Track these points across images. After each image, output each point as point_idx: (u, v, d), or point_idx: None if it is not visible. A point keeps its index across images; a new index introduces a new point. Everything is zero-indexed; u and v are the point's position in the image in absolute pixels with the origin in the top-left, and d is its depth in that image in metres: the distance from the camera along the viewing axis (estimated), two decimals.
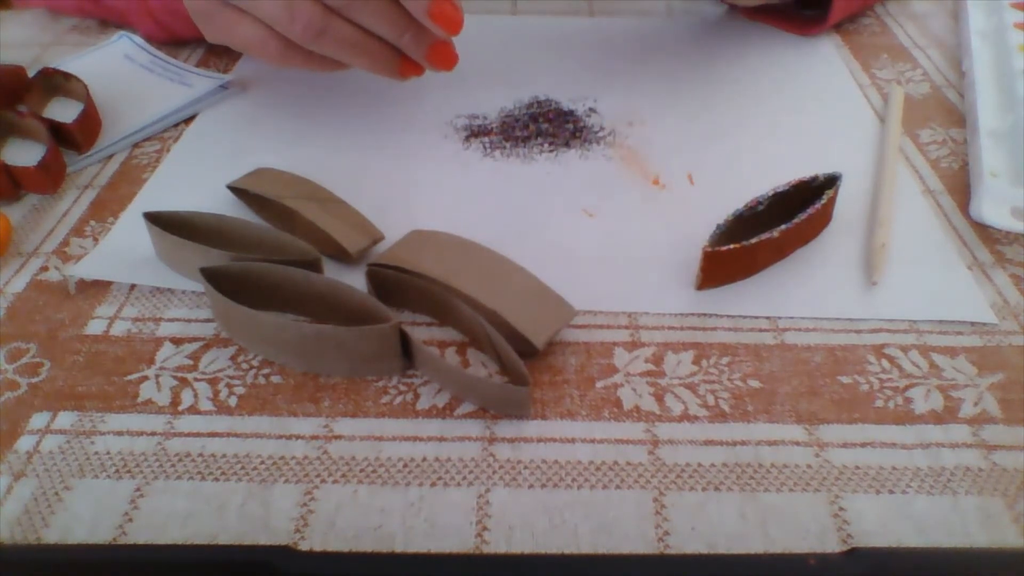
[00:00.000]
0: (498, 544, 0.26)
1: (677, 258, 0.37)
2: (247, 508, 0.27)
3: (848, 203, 0.39)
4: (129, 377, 0.32)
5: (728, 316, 0.34)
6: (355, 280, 0.35)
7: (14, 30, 0.58)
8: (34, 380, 0.32)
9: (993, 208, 0.38)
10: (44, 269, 0.37)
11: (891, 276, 0.35)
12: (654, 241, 0.38)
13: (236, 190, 0.39)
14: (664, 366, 0.32)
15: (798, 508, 0.27)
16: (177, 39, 0.54)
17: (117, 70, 0.51)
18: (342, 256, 0.36)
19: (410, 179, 0.42)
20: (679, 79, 0.51)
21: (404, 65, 0.40)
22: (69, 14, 0.59)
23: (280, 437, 0.29)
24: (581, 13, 0.59)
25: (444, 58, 0.39)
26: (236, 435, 0.29)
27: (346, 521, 0.26)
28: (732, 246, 0.33)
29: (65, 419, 0.30)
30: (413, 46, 0.38)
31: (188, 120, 0.47)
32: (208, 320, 0.34)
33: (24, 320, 0.34)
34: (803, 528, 0.26)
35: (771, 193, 0.35)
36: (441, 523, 0.26)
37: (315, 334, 0.30)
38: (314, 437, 0.29)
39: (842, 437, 0.29)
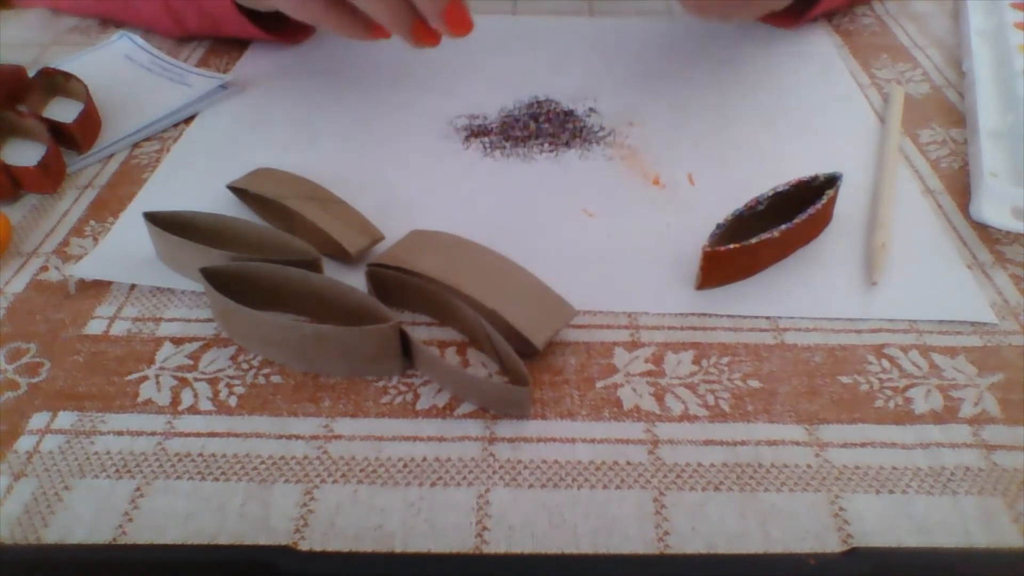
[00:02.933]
0: (498, 544, 0.26)
1: (677, 258, 0.37)
2: (247, 508, 0.27)
3: (848, 203, 0.39)
4: (129, 377, 0.32)
5: (728, 316, 0.34)
6: (355, 280, 0.35)
7: (14, 30, 0.58)
8: (34, 380, 0.32)
9: (993, 208, 0.38)
10: (44, 269, 0.37)
11: (891, 276, 0.35)
12: (654, 241, 0.38)
13: (236, 190, 0.39)
14: (664, 366, 0.32)
15: (798, 508, 0.27)
16: (187, 32, 0.54)
17: (117, 70, 0.51)
18: (342, 256, 0.36)
19: (410, 179, 0.42)
20: (679, 79, 0.51)
21: (419, 28, 0.40)
22: (71, 13, 0.59)
23: (280, 437, 0.29)
24: (581, 13, 0.59)
25: (459, 21, 0.39)
26: (236, 435, 0.29)
27: (346, 521, 0.26)
28: (732, 246, 0.33)
29: (65, 419, 0.30)
30: (429, 4, 0.39)
31: (188, 120, 0.47)
32: (208, 320, 0.34)
33: (24, 320, 0.34)
34: (803, 528, 0.26)
35: (771, 193, 0.35)
36: (441, 523, 0.26)
37: (315, 334, 0.30)
38: (314, 437, 0.29)
39: (842, 437, 0.29)
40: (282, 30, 0.54)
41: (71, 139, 0.43)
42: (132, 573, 0.26)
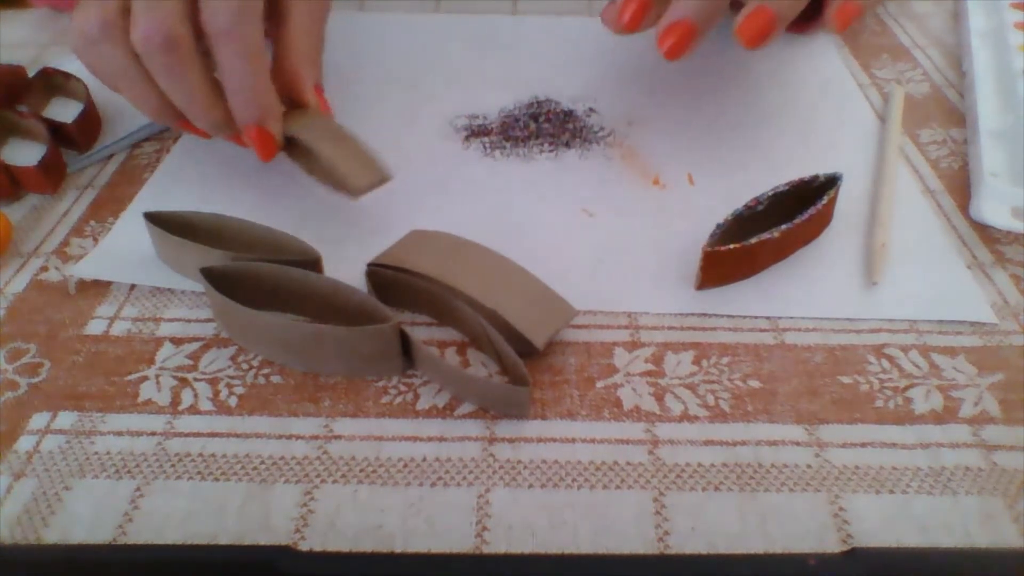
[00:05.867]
0: (498, 544, 0.26)
1: (677, 258, 0.37)
2: (247, 508, 0.27)
3: (848, 203, 0.39)
4: (129, 377, 0.32)
5: (728, 316, 0.34)
6: (355, 280, 0.35)
7: (14, 30, 0.58)
8: (34, 380, 0.32)
9: (993, 208, 0.38)
10: (44, 269, 0.37)
11: (891, 276, 0.35)
12: (654, 241, 0.38)
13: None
14: (664, 366, 0.32)
15: (798, 508, 0.27)
16: None
17: None
18: (346, 191, 0.36)
19: (410, 179, 0.42)
20: (679, 79, 0.51)
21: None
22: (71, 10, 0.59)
23: (280, 437, 0.29)
24: (581, 13, 0.59)
25: (263, 144, 0.37)
26: (236, 435, 0.29)
27: (346, 521, 0.26)
28: (732, 246, 0.33)
29: (65, 419, 0.30)
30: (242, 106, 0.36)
31: None
32: (208, 320, 0.34)
33: (24, 320, 0.34)
34: (803, 528, 0.26)
35: (771, 193, 0.35)
36: (441, 523, 0.26)
37: (315, 334, 0.30)
38: (314, 437, 0.29)
39: (842, 437, 0.29)
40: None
41: (71, 139, 0.43)
42: (132, 573, 0.26)
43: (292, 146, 0.39)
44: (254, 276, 0.33)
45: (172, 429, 0.30)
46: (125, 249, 0.37)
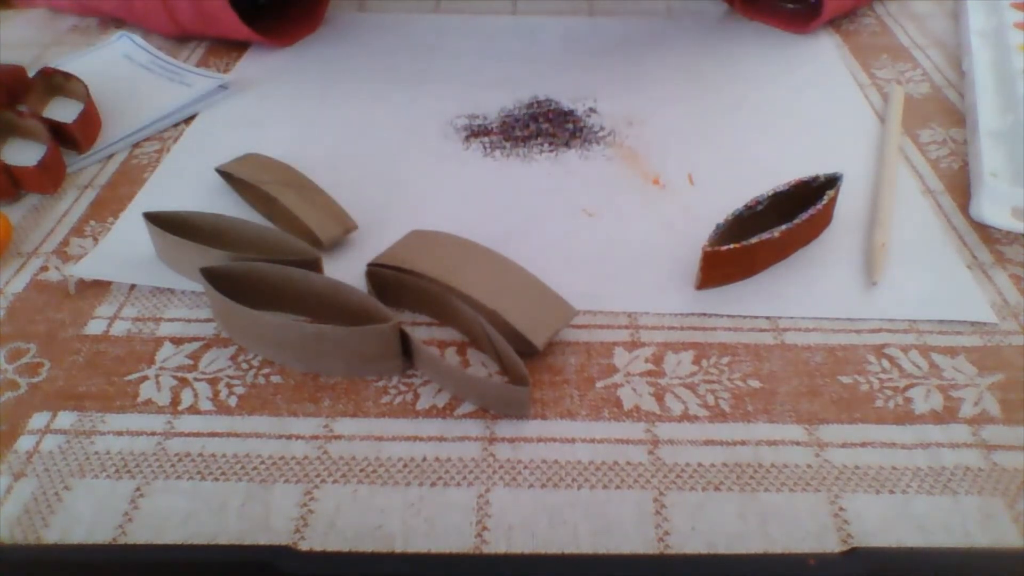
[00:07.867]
0: (498, 544, 0.26)
1: (677, 258, 0.37)
2: (247, 508, 0.27)
3: (848, 203, 0.39)
4: (129, 377, 0.32)
5: (728, 316, 0.34)
6: (355, 280, 0.35)
7: (14, 30, 0.58)
8: (34, 380, 0.32)
9: (993, 208, 0.38)
10: (44, 269, 0.37)
11: (891, 276, 0.35)
12: (654, 241, 0.38)
13: (224, 174, 0.40)
14: (664, 366, 0.32)
15: (798, 508, 0.27)
16: (182, 29, 0.54)
17: (117, 70, 0.51)
18: (317, 244, 0.36)
19: (410, 179, 0.42)
20: (679, 79, 0.51)
21: None
22: (71, 12, 0.59)
23: (280, 437, 0.29)
24: (581, 13, 0.59)
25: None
26: (236, 435, 0.29)
27: (346, 521, 0.26)
28: (732, 246, 0.33)
29: (65, 419, 0.30)
30: None
31: (188, 120, 0.47)
32: (208, 320, 0.34)
33: (24, 320, 0.34)
34: (803, 528, 0.26)
35: (771, 193, 0.35)
36: (441, 523, 0.26)
37: (315, 334, 0.30)
38: (314, 437, 0.29)
39: (842, 437, 0.29)
40: (275, 32, 0.54)
41: (71, 139, 0.43)
42: (132, 573, 0.26)
43: (253, 194, 0.39)
44: (254, 276, 0.33)
45: (172, 429, 0.30)
46: (125, 249, 0.37)
